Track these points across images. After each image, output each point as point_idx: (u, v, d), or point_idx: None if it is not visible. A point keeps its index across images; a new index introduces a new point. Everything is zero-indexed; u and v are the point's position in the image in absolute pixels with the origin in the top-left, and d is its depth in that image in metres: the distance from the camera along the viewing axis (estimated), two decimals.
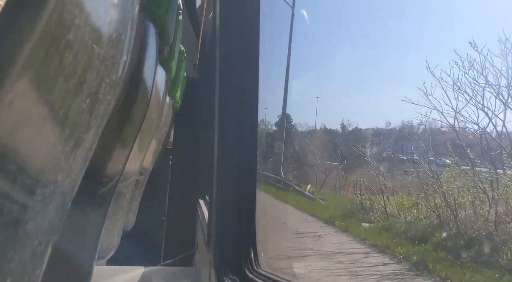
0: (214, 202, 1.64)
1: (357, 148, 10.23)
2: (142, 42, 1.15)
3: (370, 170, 9.98)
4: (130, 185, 1.80)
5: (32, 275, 0.59)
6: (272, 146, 11.85)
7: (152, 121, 1.67)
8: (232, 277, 1.47)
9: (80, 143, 0.63)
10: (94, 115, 0.65)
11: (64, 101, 0.55)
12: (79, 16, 0.52)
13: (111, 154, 1.21)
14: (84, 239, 1.22)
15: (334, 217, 8.35)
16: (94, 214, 1.24)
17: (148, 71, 1.24)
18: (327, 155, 12.73)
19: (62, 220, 0.67)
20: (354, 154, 10.68)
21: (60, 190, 0.61)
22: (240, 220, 1.52)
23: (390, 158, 11.56)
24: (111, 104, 0.73)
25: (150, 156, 2.33)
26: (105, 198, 1.28)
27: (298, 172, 12.69)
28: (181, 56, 2.38)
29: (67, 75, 0.53)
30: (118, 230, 1.77)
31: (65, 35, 0.50)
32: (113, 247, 1.75)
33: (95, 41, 0.57)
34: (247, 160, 1.54)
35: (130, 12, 0.72)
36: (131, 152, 1.36)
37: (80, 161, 0.65)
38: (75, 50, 0.53)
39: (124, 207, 1.81)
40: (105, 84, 0.65)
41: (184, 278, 3.31)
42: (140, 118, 1.31)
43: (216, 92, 1.61)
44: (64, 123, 0.57)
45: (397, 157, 11.50)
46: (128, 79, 0.98)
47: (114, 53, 0.65)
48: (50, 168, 0.57)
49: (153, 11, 1.30)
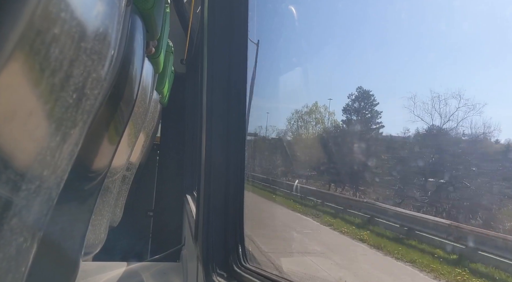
0: (201, 198, 1.64)
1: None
2: (129, 37, 1.14)
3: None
4: (117, 180, 1.79)
5: (17, 272, 0.59)
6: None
7: (139, 116, 1.66)
8: (219, 272, 1.47)
9: (66, 138, 0.62)
10: (81, 110, 0.64)
11: (50, 95, 0.54)
12: (65, 10, 0.51)
13: (98, 149, 1.20)
14: (70, 234, 1.21)
15: None
16: (80, 209, 1.23)
17: (135, 65, 1.23)
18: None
19: (47, 216, 0.66)
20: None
21: (45, 186, 0.61)
22: (228, 215, 1.52)
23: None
24: (98, 99, 0.72)
25: (137, 152, 2.32)
26: (91, 193, 1.27)
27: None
28: (169, 51, 2.36)
29: (53, 70, 0.52)
30: (104, 225, 1.76)
31: (51, 29, 0.50)
32: (100, 242, 1.74)
33: (82, 35, 0.57)
34: (235, 155, 1.54)
35: (117, 6, 0.71)
36: (118, 148, 1.35)
37: (66, 157, 0.65)
38: (61, 44, 0.52)
39: (110, 203, 1.80)
40: (92, 78, 0.64)
41: (171, 274, 3.30)
42: (127, 113, 1.30)
43: (204, 87, 1.61)
44: (50, 118, 0.56)
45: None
46: (115, 74, 0.97)
47: (101, 47, 0.64)
48: (36, 164, 0.57)
49: (140, 5, 1.29)
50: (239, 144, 1.55)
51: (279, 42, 10.38)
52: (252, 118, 10.67)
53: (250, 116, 1.83)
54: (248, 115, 1.63)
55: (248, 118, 1.60)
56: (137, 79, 1.29)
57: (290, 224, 8.34)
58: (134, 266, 3.34)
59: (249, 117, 1.69)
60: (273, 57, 10.76)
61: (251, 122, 1.92)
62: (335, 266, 5.81)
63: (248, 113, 1.63)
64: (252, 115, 10.21)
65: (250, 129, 8.02)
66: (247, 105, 1.58)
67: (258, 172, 12.10)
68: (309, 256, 6.03)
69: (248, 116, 1.58)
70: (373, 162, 9.66)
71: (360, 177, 10.07)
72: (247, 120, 1.57)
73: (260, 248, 4.30)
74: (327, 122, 12.90)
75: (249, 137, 2.27)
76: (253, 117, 13.69)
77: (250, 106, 1.83)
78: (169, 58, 2.39)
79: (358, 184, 10.12)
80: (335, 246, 7.23)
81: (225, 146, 1.54)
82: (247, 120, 1.57)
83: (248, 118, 1.57)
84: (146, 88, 1.64)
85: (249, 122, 1.65)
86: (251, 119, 8.32)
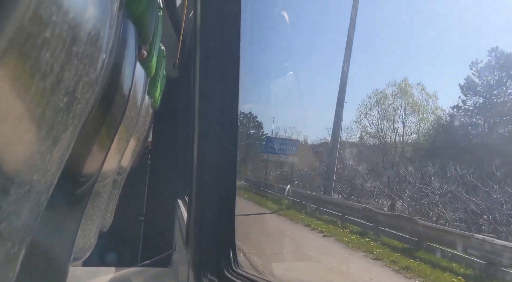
0: (193, 202, 1.64)
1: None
2: (121, 41, 1.13)
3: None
4: (107, 185, 1.78)
5: (5, 278, 0.58)
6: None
7: (130, 120, 1.65)
8: (210, 277, 1.46)
9: (57, 142, 0.62)
10: (72, 114, 0.64)
11: (40, 99, 0.54)
12: (56, 13, 0.51)
13: (88, 153, 1.19)
14: (60, 239, 1.20)
15: None
16: (70, 214, 1.22)
17: (127, 69, 1.23)
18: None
19: (37, 220, 0.66)
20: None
21: (35, 190, 0.60)
22: (219, 220, 1.52)
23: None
24: (89, 103, 0.72)
25: (128, 156, 2.31)
26: (81, 198, 1.26)
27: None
28: (161, 55, 2.36)
29: (44, 73, 0.52)
30: (94, 230, 1.75)
31: (42, 32, 0.49)
32: (90, 247, 1.72)
33: (73, 38, 0.56)
34: (227, 160, 1.53)
35: (109, 10, 0.71)
36: (109, 152, 1.34)
37: (56, 161, 0.64)
38: (52, 48, 0.52)
39: (101, 207, 1.78)
40: (83, 82, 0.64)
41: (162, 279, 3.28)
42: (118, 117, 1.30)
43: (196, 91, 1.61)
44: (41, 122, 0.56)
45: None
46: (106, 78, 0.96)
47: (93, 51, 0.64)
48: (26, 168, 0.56)
49: (132, 8, 1.29)
50: (231, 148, 1.55)
51: (271, 46, 10.37)
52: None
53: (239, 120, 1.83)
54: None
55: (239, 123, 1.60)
56: (129, 83, 1.28)
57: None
58: (124, 271, 3.31)
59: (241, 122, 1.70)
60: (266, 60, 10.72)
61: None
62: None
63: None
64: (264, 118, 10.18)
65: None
66: (240, 109, 1.59)
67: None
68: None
69: (239, 121, 1.58)
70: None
71: None
72: (240, 125, 1.57)
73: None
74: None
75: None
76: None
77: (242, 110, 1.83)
78: (161, 63, 2.38)
79: None
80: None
81: (217, 150, 1.53)
82: (240, 125, 1.57)
83: (240, 123, 1.57)
84: (138, 92, 1.63)
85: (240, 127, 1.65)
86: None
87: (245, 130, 11.70)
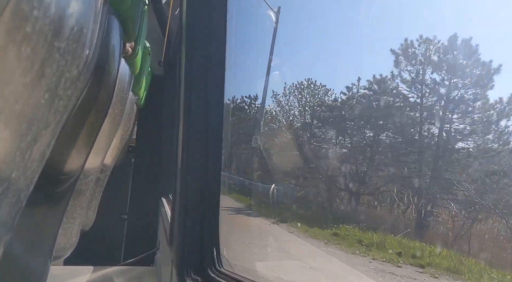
0: (177, 201, 1.63)
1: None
2: (105, 37, 1.12)
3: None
4: (90, 182, 1.75)
5: None
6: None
7: (114, 118, 1.64)
8: (194, 277, 1.46)
9: (37, 139, 0.61)
10: (53, 111, 0.63)
11: (21, 95, 0.53)
12: (38, 8, 0.50)
13: (70, 151, 1.17)
14: (40, 238, 1.18)
15: None
16: (51, 212, 1.20)
17: (111, 66, 1.22)
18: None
19: (16, 218, 0.64)
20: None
21: (14, 188, 0.59)
22: (203, 219, 1.51)
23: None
24: (72, 100, 0.71)
25: (111, 154, 2.28)
26: (63, 196, 1.24)
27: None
28: (146, 52, 2.33)
29: (25, 69, 0.51)
30: (76, 229, 1.73)
31: (23, 27, 0.48)
32: (71, 246, 1.70)
33: (55, 34, 0.55)
34: (211, 158, 1.53)
35: (93, 5, 0.70)
36: (92, 150, 1.32)
37: (37, 158, 0.63)
38: (33, 43, 0.51)
39: (83, 206, 1.76)
40: (65, 79, 0.63)
41: (145, 278, 3.26)
42: (102, 114, 1.28)
43: (181, 89, 1.60)
44: (21, 118, 0.55)
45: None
46: (90, 74, 0.95)
47: (75, 47, 0.63)
48: (4, 165, 0.55)
49: (117, 4, 1.27)
50: (216, 146, 1.54)
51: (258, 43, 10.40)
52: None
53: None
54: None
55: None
56: (113, 80, 1.27)
57: None
58: (107, 270, 3.28)
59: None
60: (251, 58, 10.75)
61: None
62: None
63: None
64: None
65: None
66: (225, 107, 1.58)
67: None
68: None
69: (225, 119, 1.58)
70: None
71: None
72: (225, 123, 1.57)
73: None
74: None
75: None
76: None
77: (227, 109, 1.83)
78: (146, 60, 2.36)
79: None
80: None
81: (202, 148, 1.53)
82: (225, 123, 1.57)
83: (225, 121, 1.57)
84: (122, 90, 1.61)
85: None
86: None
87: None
